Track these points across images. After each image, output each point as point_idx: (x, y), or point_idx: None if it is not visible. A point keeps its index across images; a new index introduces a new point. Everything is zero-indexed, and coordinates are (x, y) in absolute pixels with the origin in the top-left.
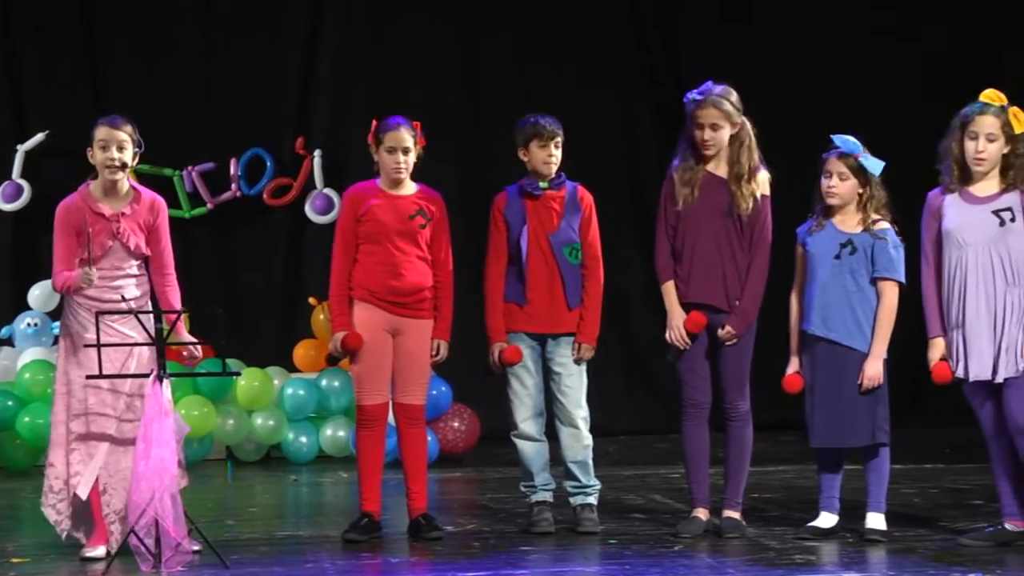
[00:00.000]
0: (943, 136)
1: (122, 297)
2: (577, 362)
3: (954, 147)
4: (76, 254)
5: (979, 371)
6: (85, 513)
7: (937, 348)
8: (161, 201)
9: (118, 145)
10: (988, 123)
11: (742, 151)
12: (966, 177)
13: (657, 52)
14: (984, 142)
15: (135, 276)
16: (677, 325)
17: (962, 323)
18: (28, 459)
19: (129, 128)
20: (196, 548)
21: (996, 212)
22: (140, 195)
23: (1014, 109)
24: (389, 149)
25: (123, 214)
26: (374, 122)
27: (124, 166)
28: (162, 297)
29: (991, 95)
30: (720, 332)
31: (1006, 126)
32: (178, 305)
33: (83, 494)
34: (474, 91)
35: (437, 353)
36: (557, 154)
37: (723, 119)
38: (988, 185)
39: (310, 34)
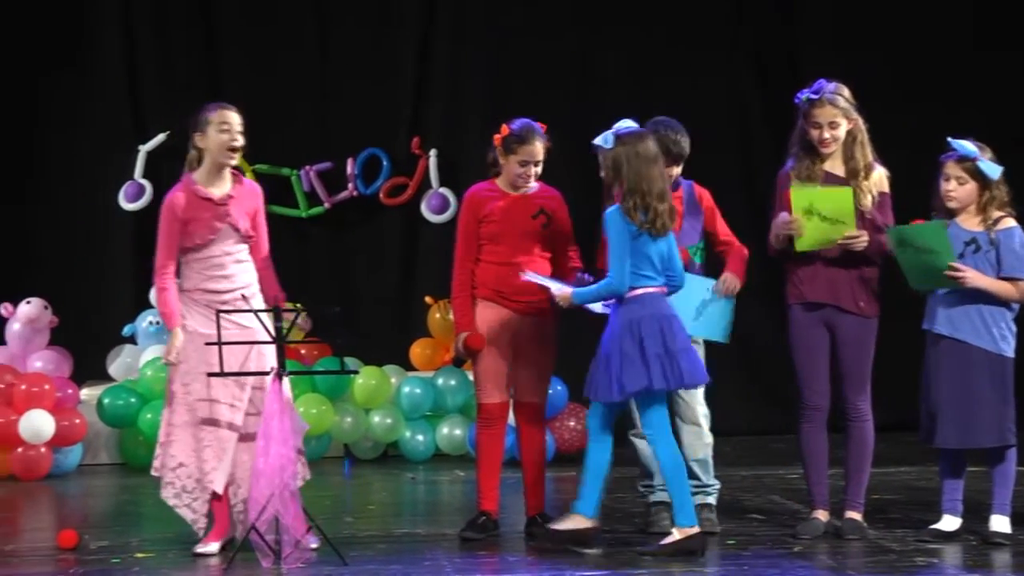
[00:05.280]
0: None
1: (243, 296)
2: (717, 291)
3: None
4: (180, 245)
5: None
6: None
7: None
8: (259, 187)
9: (239, 130)
10: None
11: (856, 147)
12: None
13: (772, 46)
14: None
15: (246, 261)
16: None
17: None
18: (150, 456)
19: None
20: (315, 545)
21: None
22: (241, 180)
23: None
24: (522, 162)
25: (230, 196)
26: (504, 127)
27: (241, 149)
28: (267, 281)
29: None
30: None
31: None
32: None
33: (220, 489)
34: (587, 90)
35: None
36: (676, 171)
37: (840, 116)
38: None
39: (425, 34)
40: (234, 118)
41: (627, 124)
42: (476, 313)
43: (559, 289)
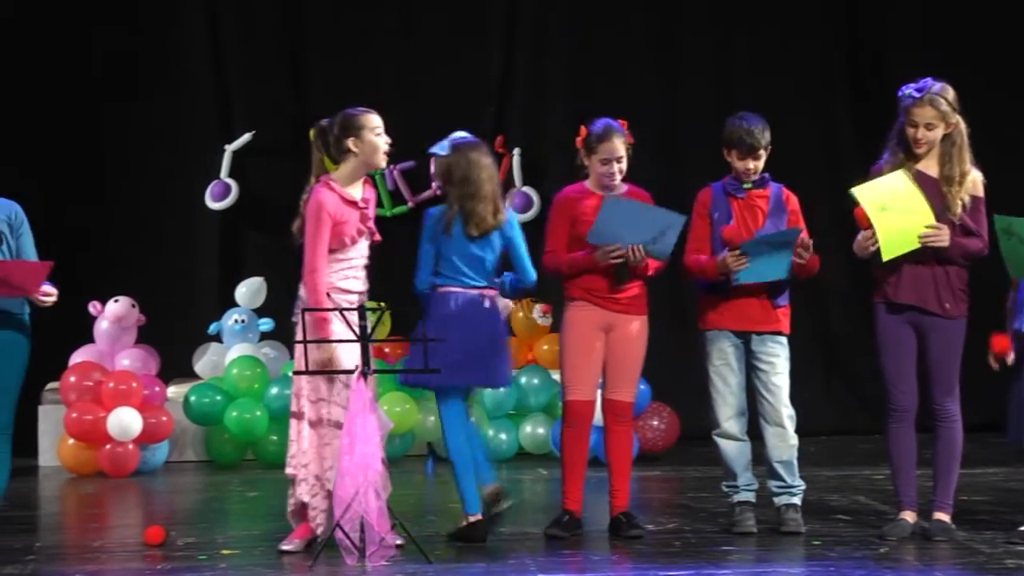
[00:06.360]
0: None
1: (327, 295)
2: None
3: None
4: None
5: None
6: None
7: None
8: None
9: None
10: None
11: (954, 152)
12: None
13: (858, 46)
14: None
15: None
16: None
17: None
18: (236, 453)
19: None
20: (399, 543)
21: None
22: (369, 183)
23: None
24: (603, 160)
25: (366, 199)
26: (583, 129)
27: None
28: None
29: None
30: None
31: None
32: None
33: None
34: (672, 88)
35: None
36: (758, 165)
37: (938, 119)
38: None
39: (509, 32)
40: (381, 121)
41: (462, 134)
42: (568, 314)
43: None
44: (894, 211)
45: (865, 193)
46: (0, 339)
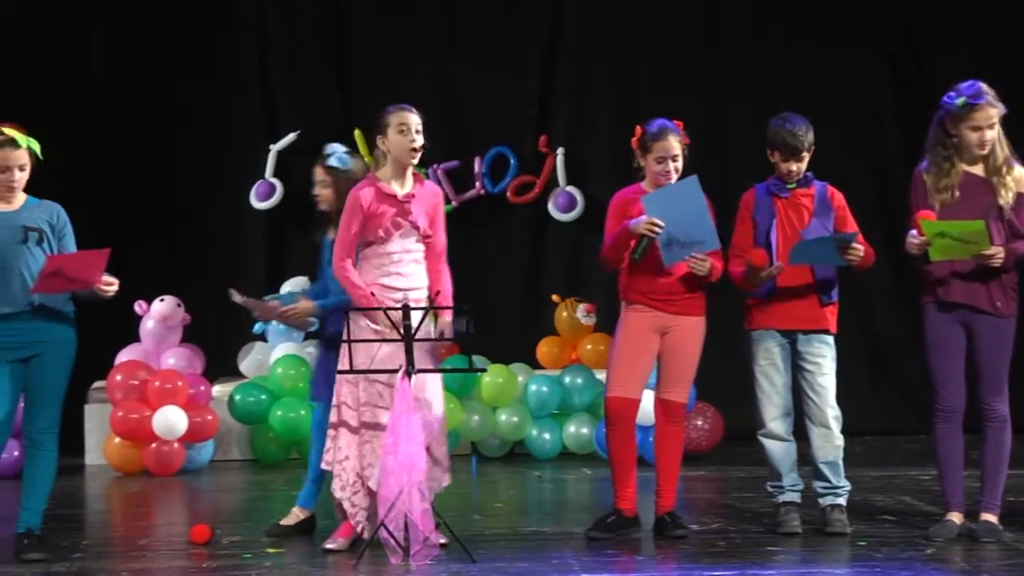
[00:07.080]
0: None
1: (372, 294)
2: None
3: None
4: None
5: None
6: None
7: None
8: (439, 188)
9: (418, 130)
10: None
11: (996, 143)
12: None
13: (901, 46)
14: None
15: (423, 262)
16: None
17: None
18: (281, 452)
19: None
20: (443, 542)
21: None
22: (422, 180)
23: None
24: (659, 159)
25: (410, 195)
26: (639, 128)
27: (422, 149)
28: (435, 279)
29: None
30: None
31: None
32: (450, 288)
33: (375, 485)
34: (716, 88)
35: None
36: (801, 166)
37: (997, 115)
38: None
39: (553, 33)
40: (412, 119)
41: (338, 145)
42: (624, 316)
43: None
44: (951, 239)
45: (933, 224)
46: (47, 338)
